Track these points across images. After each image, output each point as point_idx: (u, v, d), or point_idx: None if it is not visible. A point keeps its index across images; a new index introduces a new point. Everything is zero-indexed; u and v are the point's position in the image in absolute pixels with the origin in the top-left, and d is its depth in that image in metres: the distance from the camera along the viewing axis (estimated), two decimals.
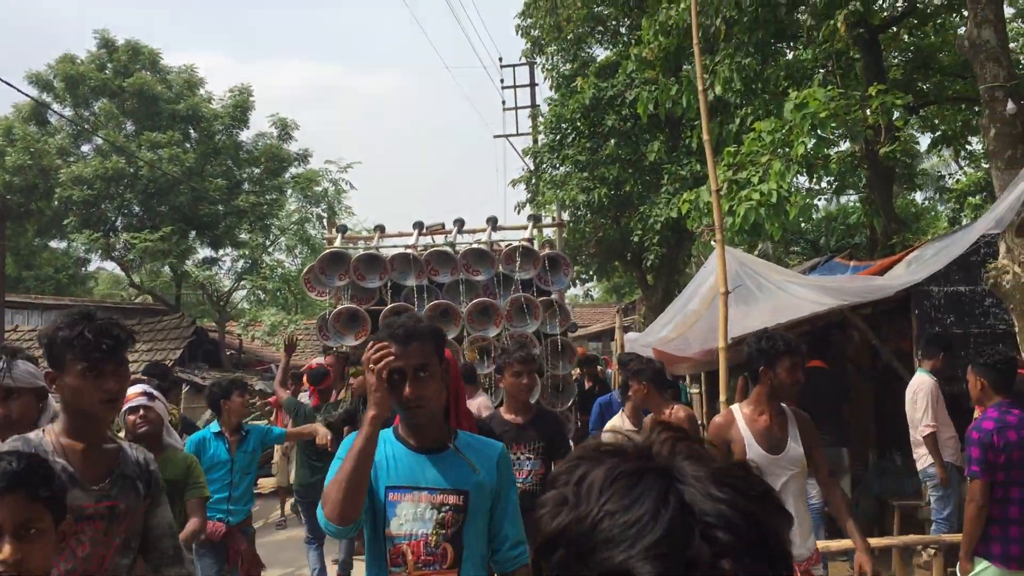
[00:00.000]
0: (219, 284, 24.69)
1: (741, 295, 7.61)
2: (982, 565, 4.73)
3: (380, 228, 12.19)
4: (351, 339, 10.48)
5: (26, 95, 21.19)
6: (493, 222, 10.95)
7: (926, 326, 7.75)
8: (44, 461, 2.09)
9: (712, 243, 6.72)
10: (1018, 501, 4.68)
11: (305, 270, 11.01)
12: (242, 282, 24.64)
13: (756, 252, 15.46)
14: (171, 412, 8.29)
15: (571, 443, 5.40)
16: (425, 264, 10.41)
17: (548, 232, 16.71)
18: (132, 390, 4.42)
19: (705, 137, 6.37)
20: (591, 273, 22.97)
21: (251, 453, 6.26)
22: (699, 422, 9.00)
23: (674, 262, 18.84)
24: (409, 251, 10.62)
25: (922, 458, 7.07)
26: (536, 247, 10.60)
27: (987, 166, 10.97)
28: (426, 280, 10.42)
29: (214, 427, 6.27)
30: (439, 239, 11.19)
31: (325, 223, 18.05)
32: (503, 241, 10.62)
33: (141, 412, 4.47)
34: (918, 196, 26.02)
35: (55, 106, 23.12)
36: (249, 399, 7.17)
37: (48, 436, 2.71)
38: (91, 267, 30.71)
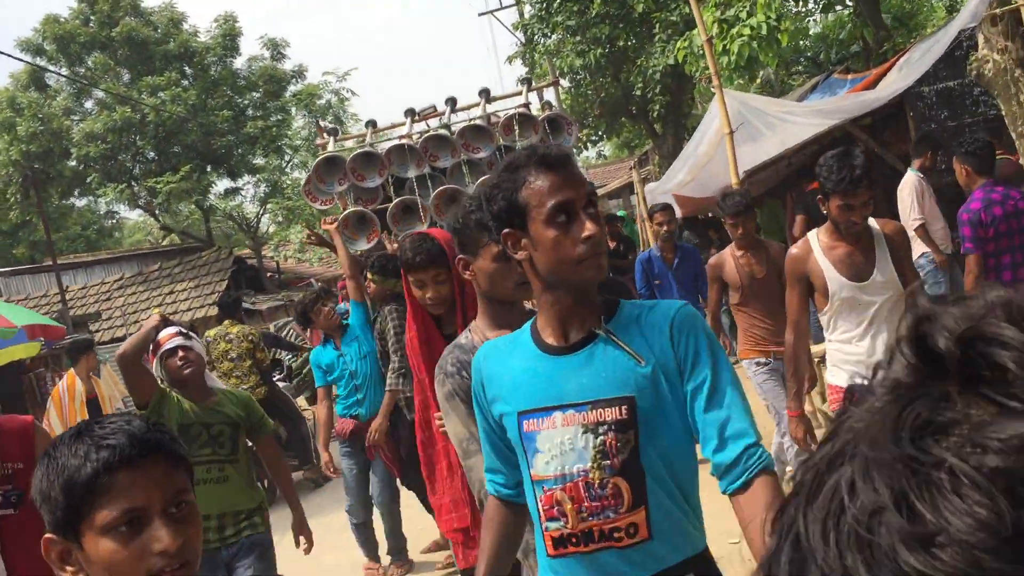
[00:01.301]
0: (246, 212, 25.42)
1: (747, 132, 8.18)
2: None
3: (372, 123, 11.69)
4: (363, 243, 10.18)
5: (23, 61, 21.54)
6: (486, 94, 10.43)
7: (922, 125, 8.30)
8: (158, 421, 1.65)
9: (712, 89, 7.21)
10: (1009, 266, 5.37)
11: (304, 182, 10.60)
12: (267, 206, 25.33)
13: (758, 80, 15.84)
14: (252, 333, 9.09)
15: None
16: (423, 151, 10.04)
17: (548, 96, 16.99)
18: (165, 332, 4.18)
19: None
20: (600, 134, 23.34)
21: (360, 338, 6.36)
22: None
23: (679, 107, 19.17)
24: (404, 141, 10.23)
25: (915, 250, 7.66)
26: (535, 112, 10.20)
27: None
28: (427, 168, 10.08)
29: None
30: (434, 123, 10.67)
31: (315, 130, 17.93)
32: (500, 112, 10.23)
33: (180, 354, 4.13)
34: None
35: (52, 68, 23.39)
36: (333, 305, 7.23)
37: (475, 335, 2.68)
38: (124, 218, 31.32)
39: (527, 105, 10.20)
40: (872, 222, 3.93)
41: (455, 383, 2.60)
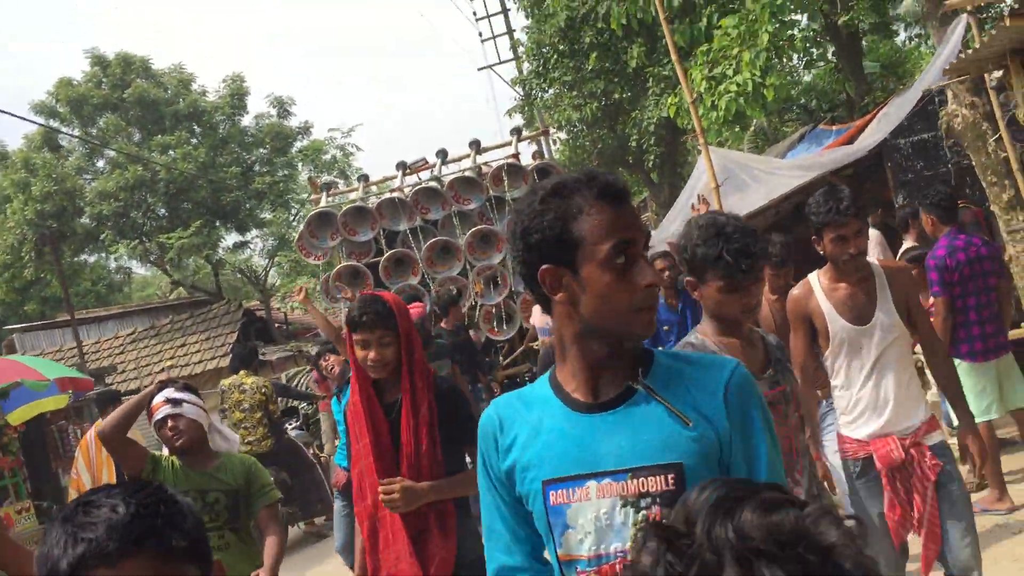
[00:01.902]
0: (254, 265, 26.00)
1: (734, 184, 8.71)
2: (957, 364, 5.88)
3: (364, 178, 11.67)
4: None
5: (39, 124, 22.29)
6: (476, 145, 10.42)
7: (899, 176, 8.82)
8: (167, 495, 1.40)
9: (699, 148, 7.74)
10: (974, 307, 5.83)
11: (297, 237, 10.55)
12: (276, 259, 25.94)
13: (751, 129, 16.42)
14: (265, 385, 9.45)
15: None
16: (414, 204, 10.03)
17: (553, 147, 17.44)
18: (158, 399, 3.96)
19: (675, 58, 7.38)
20: None
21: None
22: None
23: (673, 157, 19.78)
24: (396, 195, 10.25)
25: None
26: (525, 162, 10.26)
27: None
28: (419, 220, 10.04)
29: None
30: (425, 175, 10.74)
31: (308, 184, 18.34)
32: (492, 162, 10.24)
33: (170, 423, 3.93)
34: (902, 35, 26.54)
35: (64, 129, 24.13)
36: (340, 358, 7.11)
37: (706, 337, 2.89)
38: (133, 273, 31.86)
39: (516, 155, 10.23)
40: (874, 261, 3.81)
41: None
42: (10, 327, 24.87)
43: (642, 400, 1.70)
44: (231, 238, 26.10)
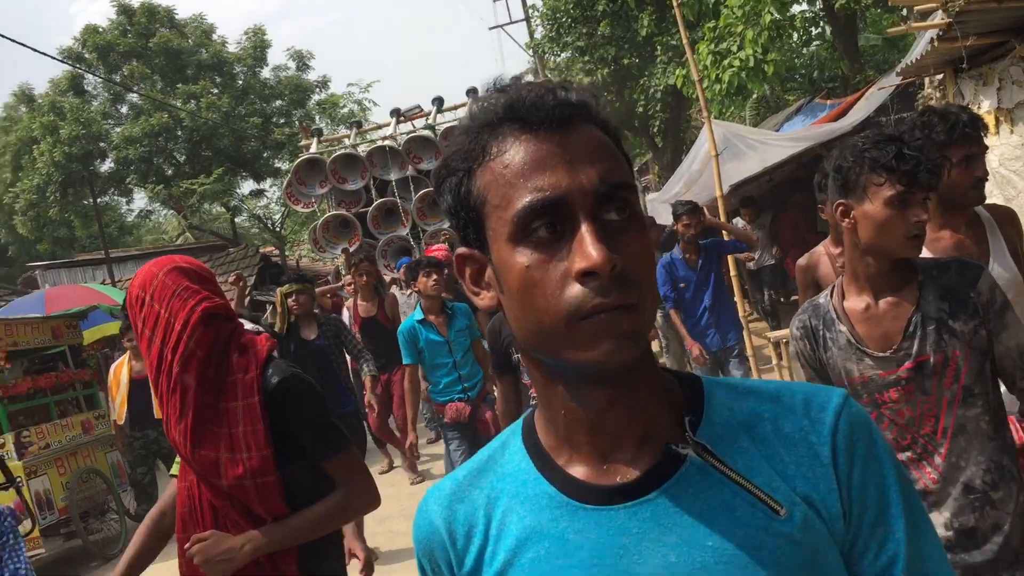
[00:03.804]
0: (272, 212, 27.03)
1: (733, 152, 9.72)
2: None
3: (356, 124, 11.31)
4: (345, 246, 10.00)
5: (71, 65, 23.15)
6: (473, 93, 9.80)
7: None
8: None
9: (702, 120, 8.71)
10: None
11: (285, 184, 10.13)
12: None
13: (754, 96, 17.34)
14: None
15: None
16: (406, 154, 9.64)
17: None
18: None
19: (683, 34, 8.30)
20: None
21: (465, 331, 5.92)
22: None
23: (678, 124, 20.73)
24: (387, 143, 9.88)
25: None
26: None
27: None
28: (411, 170, 9.66)
29: (417, 314, 5.85)
30: (420, 123, 10.34)
31: (298, 126, 17.75)
32: None
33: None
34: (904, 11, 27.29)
35: (94, 73, 24.98)
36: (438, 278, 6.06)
37: (834, 297, 2.32)
38: (156, 217, 32.80)
39: None
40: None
41: (798, 347, 2.35)
42: (33, 264, 25.89)
43: (694, 476, 0.93)
44: (247, 186, 27.08)
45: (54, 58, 17.44)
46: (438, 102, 10.14)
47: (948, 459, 2.19)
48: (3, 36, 11.34)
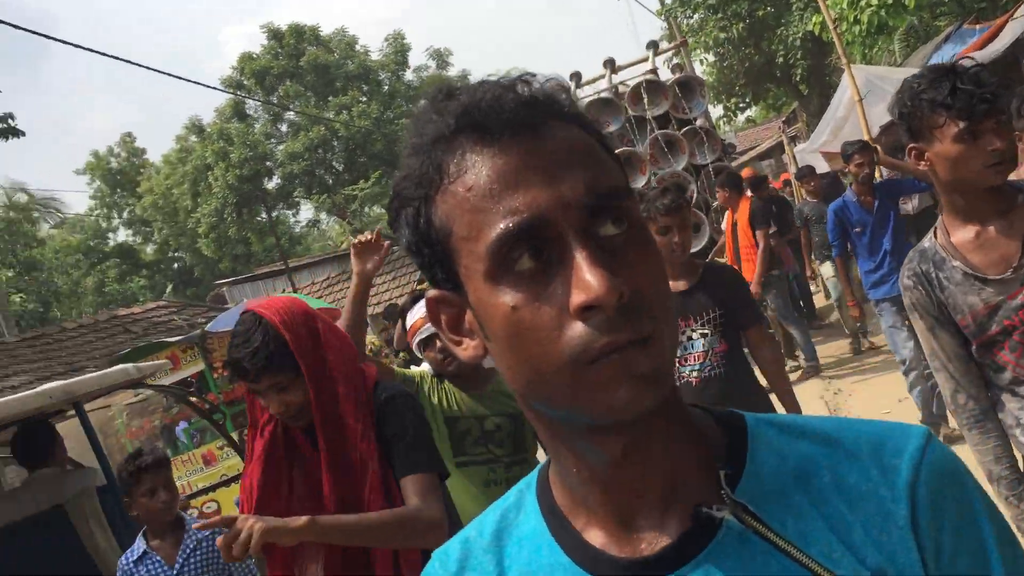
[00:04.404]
0: None
1: (878, 95, 9.63)
2: None
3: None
4: None
5: (232, 94, 24.90)
6: (611, 64, 9.62)
7: None
8: None
9: (841, 66, 8.69)
10: None
11: None
12: None
13: (902, 27, 16.79)
14: None
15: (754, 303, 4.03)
16: None
17: (700, 67, 18.14)
18: (416, 314, 3.32)
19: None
20: (747, 101, 24.56)
21: None
22: None
23: (821, 69, 20.28)
24: None
25: None
26: (664, 77, 9.49)
27: None
28: None
29: None
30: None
31: None
32: (628, 81, 9.44)
33: (439, 343, 3.19)
34: None
35: (249, 100, 26.79)
36: None
37: (938, 237, 2.28)
38: (321, 225, 34.78)
39: (655, 71, 9.46)
40: None
41: (913, 297, 2.30)
42: (218, 282, 27.99)
43: (733, 545, 0.75)
44: None
45: (222, 90, 19.00)
46: (576, 77, 9.94)
47: None
48: (174, 75, 12.43)
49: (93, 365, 12.10)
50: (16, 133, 19.24)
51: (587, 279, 0.68)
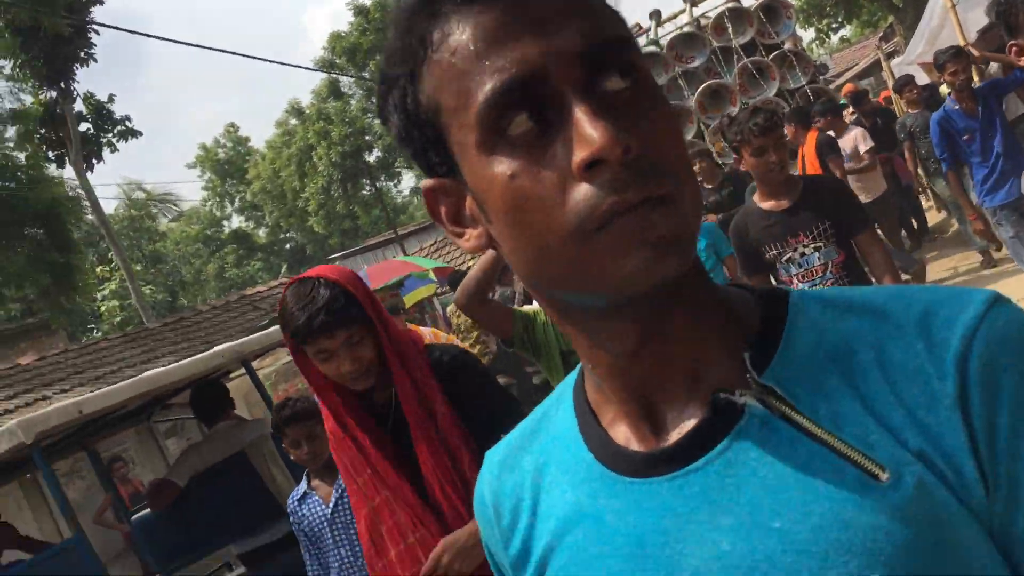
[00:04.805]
0: None
1: (971, 2, 9.45)
2: None
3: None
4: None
5: (331, 74, 25.70)
6: (656, 16, 9.48)
7: None
8: None
9: None
10: None
11: None
12: None
13: None
14: None
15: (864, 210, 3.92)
16: (672, 55, 8.99)
17: None
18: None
19: None
20: (840, 20, 23.97)
21: (703, 251, 5.75)
22: None
23: None
24: (649, 48, 9.29)
25: None
26: (746, 3, 9.14)
27: None
28: (677, 70, 9.02)
29: None
30: (642, 41, 9.55)
31: None
32: (710, 12, 9.13)
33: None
34: None
35: (343, 78, 27.57)
36: None
37: None
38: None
39: None
40: None
41: None
42: (331, 256, 29.06)
43: (757, 432, 0.67)
44: None
45: (316, 69, 19.70)
46: (656, 15, 9.70)
47: None
48: (274, 61, 13.10)
49: (229, 341, 13.08)
50: (134, 134, 20.48)
51: (588, 132, 0.59)
